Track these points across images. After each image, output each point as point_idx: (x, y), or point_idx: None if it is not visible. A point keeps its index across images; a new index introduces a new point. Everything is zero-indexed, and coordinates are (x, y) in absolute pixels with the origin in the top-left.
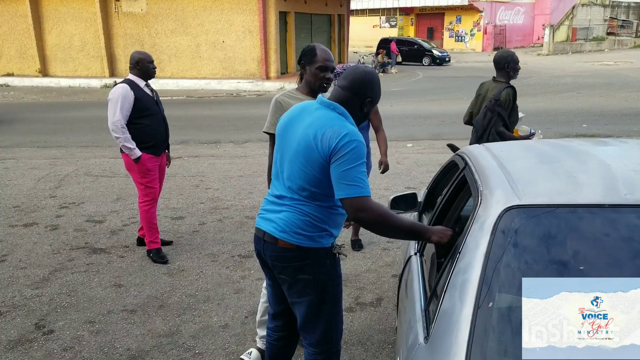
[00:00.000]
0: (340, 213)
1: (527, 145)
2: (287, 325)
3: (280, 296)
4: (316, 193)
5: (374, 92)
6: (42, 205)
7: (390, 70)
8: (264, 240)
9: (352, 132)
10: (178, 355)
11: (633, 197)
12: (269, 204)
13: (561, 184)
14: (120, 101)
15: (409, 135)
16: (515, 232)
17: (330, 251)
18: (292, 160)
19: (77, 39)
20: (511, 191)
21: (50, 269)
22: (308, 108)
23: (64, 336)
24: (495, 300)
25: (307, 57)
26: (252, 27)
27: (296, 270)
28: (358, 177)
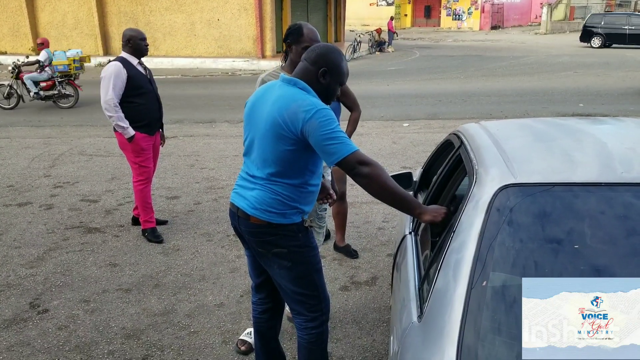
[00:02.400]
0: (310, 191)
1: (523, 123)
2: (270, 296)
3: (260, 267)
4: (286, 172)
5: (331, 63)
6: (36, 185)
7: (387, 49)
8: (238, 215)
9: (316, 102)
10: (173, 333)
11: (630, 175)
12: (242, 180)
13: (557, 162)
14: (112, 79)
15: (405, 114)
16: (511, 211)
17: (301, 225)
18: (261, 140)
19: (71, 16)
20: (506, 170)
21: (45, 249)
22: (272, 87)
23: (58, 315)
24: (490, 278)
25: (293, 35)
26: (247, 4)
27: (270, 244)
28: (340, 136)
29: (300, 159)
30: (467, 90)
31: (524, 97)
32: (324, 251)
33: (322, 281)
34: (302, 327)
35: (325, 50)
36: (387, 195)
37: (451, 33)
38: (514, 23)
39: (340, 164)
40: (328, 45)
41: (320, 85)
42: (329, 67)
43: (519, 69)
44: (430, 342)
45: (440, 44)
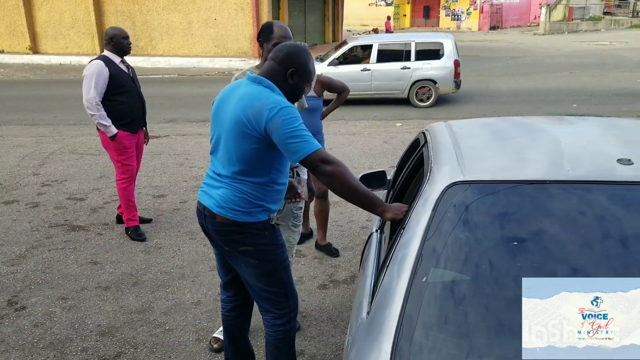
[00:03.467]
0: (276, 190)
1: (487, 122)
2: (239, 294)
3: (228, 266)
4: (251, 170)
5: (299, 64)
6: (24, 183)
7: None
8: (205, 214)
9: (280, 100)
10: (148, 331)
11: (575, 173)
12: (209, 178)
13: (508, 160)
14: (94, 78)
15: (398, 114)
16: (457, 207)
17: (267, 223)
18: (226, 139)
19: (68, 15)
20: (457, 167)
21: (27, 246)
22: (238, 85)
23: (35, 312)
24: (430, 274)
25: (264, 34)
26: (244, 4)
27: (237, 243)
28: (304, 134)
29: (265, 158)
30: (461, 90)
31: (518, 97)
32: (305, 249)
33: (289, 278)
34: (269, 325)
35: (292, 50)
36: (349, 193)
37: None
38: (512, 24)
39: (303, 162)
40: (296, 44)
41: (288, 85)
42: (297, 68)
43: (515, 69)
44: (371, 338)
45: None
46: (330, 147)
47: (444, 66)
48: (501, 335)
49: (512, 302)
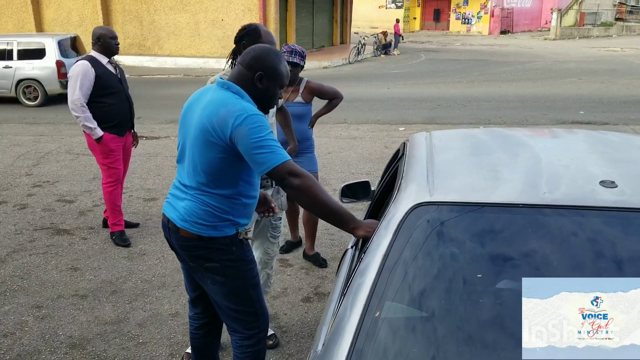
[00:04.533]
0: (244, 203)
1: (470, 134)
2: (207, 311)
3: (195, 281)
4: (217, 181)
5: (267, 67)
6: (15, 184)
7: (393, 52)
8: (169, 227)
9: (247, 107)
10: (120, 344)
11: (552, 196)
12: (175, 189)
13: (480, 179)
14: (80, 79)
15: (401, 119)
16: (421, 232)
17: (235, 238)
18: (191, 147)
19: (76, 14)
20: (425, 186)
21: (9, 250)
22: (206, 91)
23: (7, 321)
24: (384, 309)
25: (250, 36)
26: (251, 5)
27: (202, 259)
28: (271, 144)
29: (231, 169)
30: (467, 95)
31: (525, 103)
32: (292, 259)
33: (259, 296)
34: (237, 345)
35: (259, 53)
36: (318, 208)
37: (460, 37)
38: (523, 28)
39: (270, 174)
40: (263, 46)
41: (258, 90)
42: (265, 71)
43: (523, 74)
44: None
45: (448, 48)
46: (329, 151)
47: (46, 66)
48: None
49: (475, 343)
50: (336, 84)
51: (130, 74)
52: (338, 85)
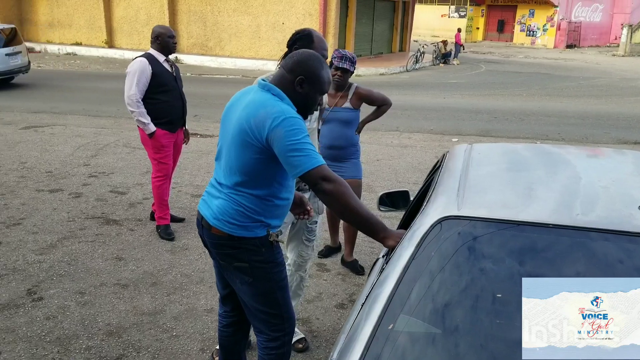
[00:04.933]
0: (277, 205)
1: (511, 149)
2: (236, 310)
3: (225, 279)
4: (251, 182)
5: (309, 72)
6: (73, 173)
7: (452, 61)
8: (202, 224)
9: (286, 110)
10: (154, 335)
11: (585, 218)
12: (211, 187)
13: (512, 195)
14: (137, 75)
15: (456, 129)
16: (444, 246)
17: (265, 239)
18: (229, 146)
19: (143, 12)
20: (454, 199)
21: (60, 237)
22: (248, 92)
23: (51, 305)
24: (398, 322)
25: (303, 41)
26: (312, 10)
27: (231, 258)
28: (307, 148)
29: (266, 170)
30: (526, 109)
31: (587, 120)
32: (330, 264)
33: (286, 300)
34: (262, 347)
35: (302, 57)
36: (349, 215)
37: (523, 49)
38: (591, 43)
39: (303, 178)
40: (307, 51)
41: (298, 94)
42: (306, 76)
43: (587, 90)
44: None
45: (510, 60)
46: (378, 159)
47: None
48: None
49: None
50: (391, 91)
51: (191, 72)
52: (393, 92)
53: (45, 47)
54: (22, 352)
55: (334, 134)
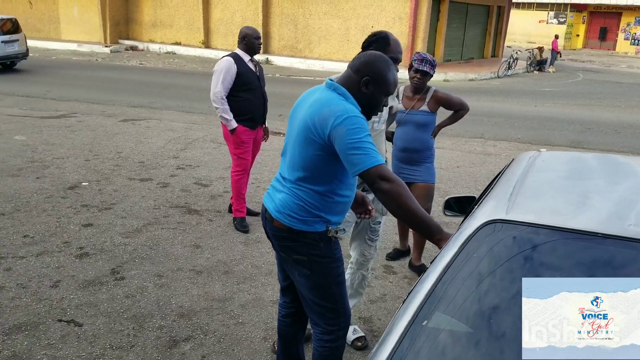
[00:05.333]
0: (337, 201)
1: (578, 157)
2: (294, 302)
3: (285, 271)
4: (312, 177)
5: (374, 72)
6: (162, 164)
7: (548, 69)
8: (265, 216)
9: (349, 109)
10: (222, 321)
11: (637, 229)
12: (275, 181)
13: (565, 203)
14: (223, 74)
15: (545, 139)
16: (486, 248)
17: (324, 234)
18: (294, 142)
19: (239, 15)
20: (505, 204)
21: (145, 222)
22: (314, 90)
23: (131, 284)
24: (432, 319)
25: (379, 43)
26: (402, 14)
27: (291, 250)
28: (367, 147)
29: (327, 166)
30: (623, 121)
31: None
32: (397, 267)
33: (342, 295)
34: (317, 338)
35: (369, 58)
36: (405, 215)
37: (627, 58)
38: None
39: (362, 176)
40: (374, 53)
41: (363, 94)
42: (372, 76)
43: None
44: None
45: (611, 69)
46: (458, 165)
47: None
48: None
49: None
50: (479, 97)
51: (280, 74)
52: (481, 98)
53: (147, 45)
54: (102, 325)
55: (408, 137)
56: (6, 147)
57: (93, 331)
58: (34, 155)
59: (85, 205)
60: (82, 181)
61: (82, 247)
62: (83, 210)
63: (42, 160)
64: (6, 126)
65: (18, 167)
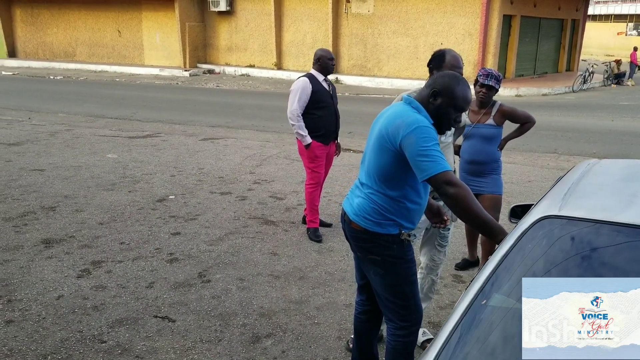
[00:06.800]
0: (408, 207)
1: (634, 163)
2: (371, 300)
3: (362, 271)
4: (386, 183)
5: (443, 86)
6: (240, 179)
7: (626, 82)
8: (344, 219)
9: (420, 120)
10: (299, 321)
11: None
12: (354, 186)
13: (614, 202)
14: (299, 93)
15: (622, 154)
16: (540, 240)
17: (397, 237)
18: (370, 151)
19: (310, 36)
20: (559, 202)
21: (227, 232)
22: (392, 105)
23: (216, 287)
24: (491, 299)
25: (436, 61)
26: (472, 30)
27: (366, 251)
28: (435, 154)
29: (399, 173)
30: None
31: None
32: (467, 276)
33: (414, 293)
34: (391, 333)
35: (441, 74)
36: (470, 217)
37: None
38: None
39: (429, 181)
40: (449, 72)
41: (432, 106)
42: (440, 89)
43: None
44: (429, 349)
45: None
46: (530, 180)
47: None
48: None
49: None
50: (553, 112)
51: (349, 92)
52: (555, 113)
53: (223, 68)
54: (192, 322)
55: (475, 149)
56: (100, 164)
57: (185, 326)
58: (125, 172)
59: (173, 216)
60: (169, 194)
61: (172, 253)
62: (171, 221)
63: (132, 176)
64: (99, 145)
65: (112, 182)
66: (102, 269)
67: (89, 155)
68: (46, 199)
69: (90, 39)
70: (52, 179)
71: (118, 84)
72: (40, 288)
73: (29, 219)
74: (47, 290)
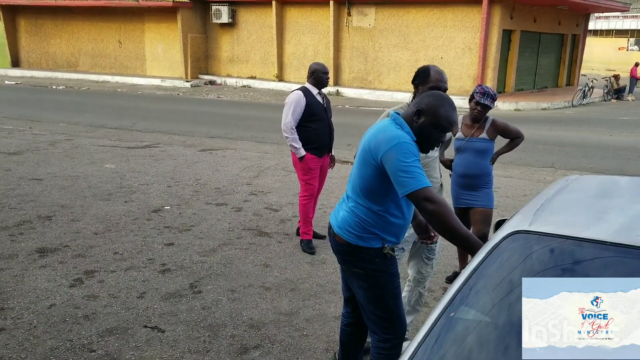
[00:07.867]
0: (390, 221)
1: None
2: (355, 312)
3: (348, 283)
4: (368, 197)
5: (427, 105)
6: (237, 190)
7: (626, 97)
8: (330, 232)
9: (402, 136)
10: (288, 332)
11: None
12: (342, 200)
13: (583, 218)
14: (293, 106)
15: (619, 169)
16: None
17: (380, 251)
18: (355, 165)
19: (311, 49)
20: (529, 218)
21: (220, 243)
22: (379, 121)
23: (207, 298)
24: (459, 311)
25: (420, 77)
26: (472, 44)
27: (350, 264)
28: (414, 171)
29: (380, 187)
30: None
31: None
32: None
33: (397, 306)
34: (374, 345)
35: (428, 94)
36: (448, 233)
37: None
38: None
39: (409, 197)
40: (433, 92)
41: (416, 125)
42: (424, 109)
43: None
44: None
45: None
46: (525, 194)
47: None
48: None
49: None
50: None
51: (349, 105)
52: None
53: (225, 80)
54: (181, 332)
55: (468, 163)
56: (98, 174)
57: (174, 337)
58: (122, 182)
59: (168, 226)
60: (164, 205)
61: (165, 264)
62: (165, 231)
63: (129, 186)
64: (98, 155)
65: (109, 192)
66: (95, 279)
67: (87, 165)
68: (43, 208)
69: (92, 50)
70: (49, 189)
71: (119, 95)
72: (33, 297)
73: (25, 228)
74: (40, 299)
